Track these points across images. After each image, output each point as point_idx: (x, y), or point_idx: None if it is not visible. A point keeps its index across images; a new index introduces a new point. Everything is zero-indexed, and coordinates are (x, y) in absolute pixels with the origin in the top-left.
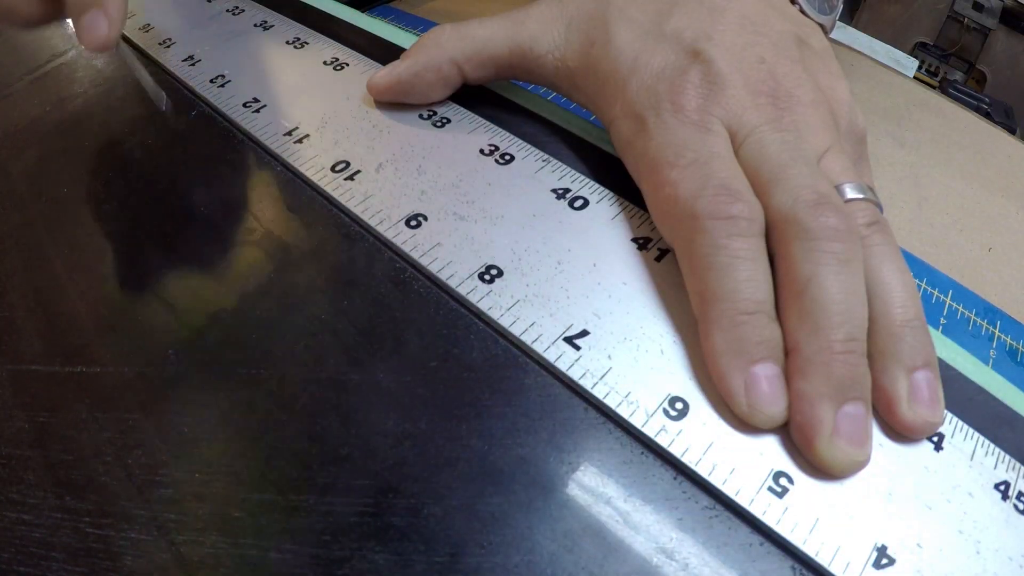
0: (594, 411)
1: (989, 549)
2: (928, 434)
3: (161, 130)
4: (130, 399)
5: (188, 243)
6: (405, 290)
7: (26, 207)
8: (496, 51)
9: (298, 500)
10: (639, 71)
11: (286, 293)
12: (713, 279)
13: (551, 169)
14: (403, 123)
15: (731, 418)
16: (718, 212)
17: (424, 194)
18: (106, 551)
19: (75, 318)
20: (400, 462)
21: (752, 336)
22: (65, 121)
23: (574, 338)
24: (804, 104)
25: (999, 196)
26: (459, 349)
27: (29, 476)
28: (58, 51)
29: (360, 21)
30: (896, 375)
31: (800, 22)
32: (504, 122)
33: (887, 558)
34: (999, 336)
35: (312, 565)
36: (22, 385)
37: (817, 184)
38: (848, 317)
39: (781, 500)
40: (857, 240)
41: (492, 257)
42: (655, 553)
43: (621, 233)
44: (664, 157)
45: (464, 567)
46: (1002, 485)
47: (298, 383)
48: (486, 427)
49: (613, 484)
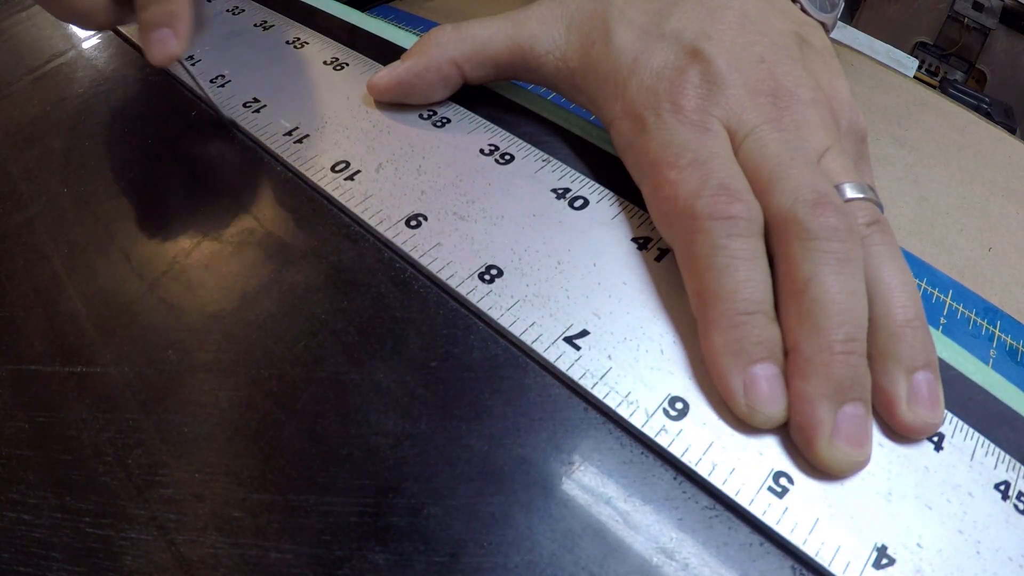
0: (594, 411)
1: (989, 549)
2: (928, 435)
3: (161, 130)
4: (130, 399)
5: (188, 243)
6: (405, 290)
7: (26, 207)
8: (496, 51)
9: (298, 500)
10: (639, 71)
11: (286, 293)
12: (712, 279)
13: (551, 169)
14: (403, 123)
15: (731, 418)
16: (717, 212)
17: (424, 194)
18: (106, 551)
19: (75, 318)
20: (400, 462)
21: (751, 336)
22: (65, 121)
23: (574, 338)
24: (804, 103)
25: (999, 196)
26: (459, 349)
27: (29, 476)
28: (58, 51)
29: (360, 21)
30: (896, 376)
31: (801, 21)
32: (504, 122)
33: (887, 558)
34: (999, 336)
35: (312, 565)
36: (22, 385)
37: (817, 183)
38: (848, 317)
39: (781, 500)
40: (857, 240)
41: (492, 257)
42: (655, 553)
43: (621, 233)
44: (664, 157)
45: (464, 567)
46: (1002, 485)
47: (298, 383)
48: (486, 427)
49: (613, 484)
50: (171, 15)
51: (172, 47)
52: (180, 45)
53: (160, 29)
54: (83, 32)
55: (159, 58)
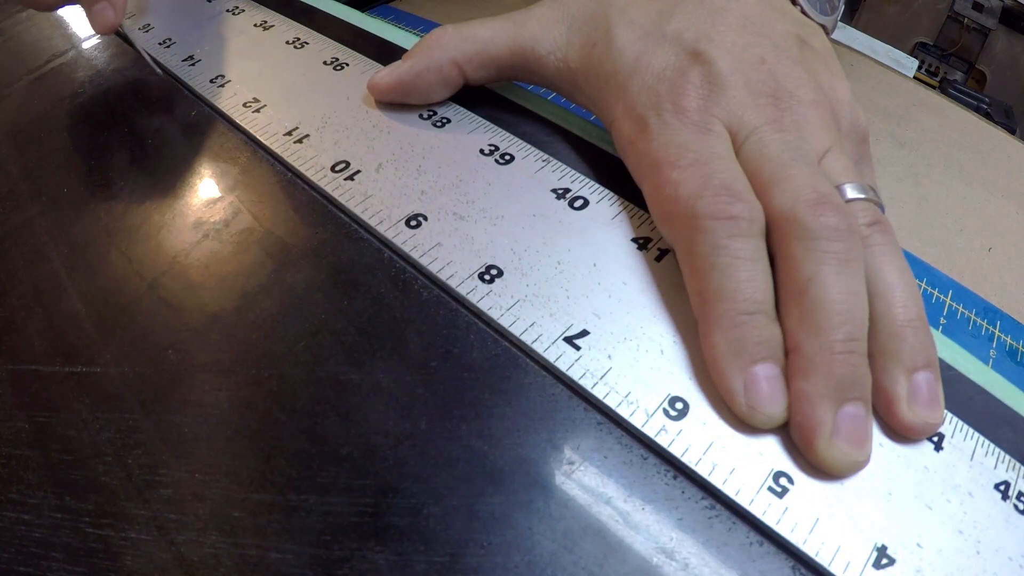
0: (594, 411)
1: (989, 549)
2: (928, 435)
3: (161, 130)
4: (130, 399)
5: (188, 243)
6: (405, 290)
7: (26, 207)
8: (497, 52)
9: (298, 500)
10: (640, 72)
11: (286, 293)
12: (713, 279)
13: (551, 169)
14: (403, 123)
15: (731, 418)
16: (719, 212)
17: (424, 194)
18: (106, 551)
19: (75, 318)
20: (400, 462)
21: (752, 336)
22: (65, 121)
23: (574, 338)
24: (805, 104)
25: (999, 196)
26: (459, 349)
27: (29, 476)
28: (58, 51)
29: (360, 21)
30: (896, 376)
31: (801, 23)
32: (504, 122)
33: (887, 558)
34: (999, 336)
35: (312, 565)
36: (22, 385)
37: (818, 184)
38: (848, 317)
39: (781, 500)
40: (858, 240)
41: (492, 257)
42: (655, 553)
43: (621, 233)
44: (665, 158)
45: (464, 567)
46: (1002, 485)
47: (298, 383)
48: (486, 427)
49: (613, 484)
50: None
51: (111, 18)
52: (118, 16)
53: (98, 3)
54: (83, 32)
55: (100, 28)
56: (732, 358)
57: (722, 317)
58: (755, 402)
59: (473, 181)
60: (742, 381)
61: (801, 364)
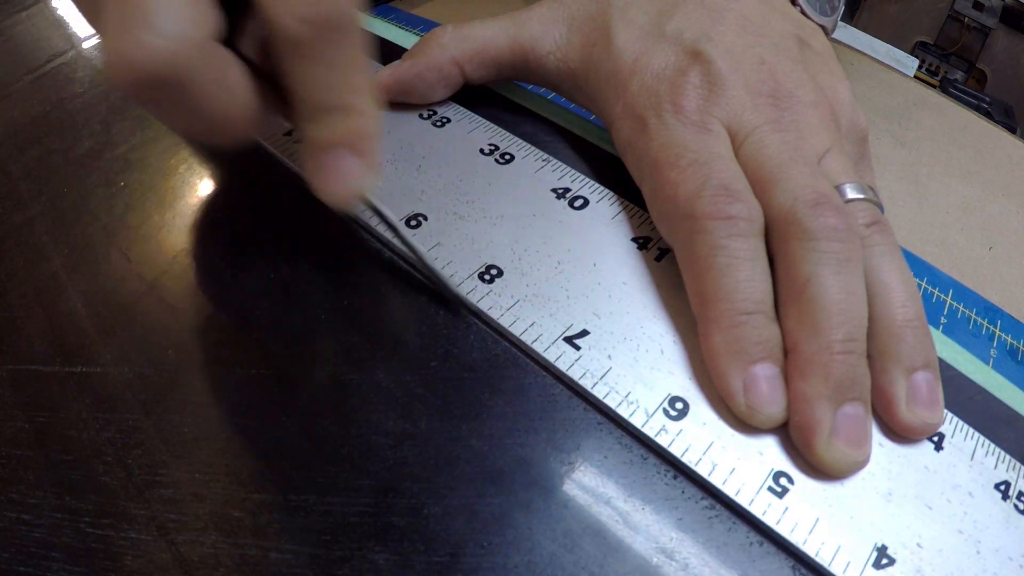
0: (594, 411)
1: (989, 549)
2: (927, 435)
3: (161, 130)
4: (130, 399)
5: (188, 243)
6: (405, 290)
7: (26, 207)
8: (498, 51)
9: (298, 500)
10: (640, 72)
11: (286, 293)
12: (712, 279)
13: (551, 169)
14: (403, 123)
15: (731, 418)
16: (718, 212)
17: (424, 194)
18: (106, 551)
19: (75, 318)
20: (400, 462)
21: (751, 336)
22: (65, 121)
23: (574, 338)
24: (804, 104)
25: (999, 195)
26: (459, 349)
27: (29, 476)
28: (58, 51)
29: None
30: (895, 376)
31: (801, 23)
32: (504, 122)
33: (887, 558)
34: (1000, 336)
35: (312, 565)
36: (22, 385)
37: (817, 184)
38: (848, 317)
39: (781, 500)
40: (857, 240)
41: (492, 257)
42: (655, 553)
43: (621, 233)
44: (664, 157)
45: (464, 567)
46: (1002, 485)
47: (298, 383)
48: (486, 427)
49: (613, 484)
50: (355, 133)
51: (355, 179)
52: (367, 176)
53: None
54: (83, 32)
55: (335, 195)
56: (731, 358)
57: (721, 317)
58: (754, 402)
59: (473, 181)
60: (741, 381)
61: (800, 364)
